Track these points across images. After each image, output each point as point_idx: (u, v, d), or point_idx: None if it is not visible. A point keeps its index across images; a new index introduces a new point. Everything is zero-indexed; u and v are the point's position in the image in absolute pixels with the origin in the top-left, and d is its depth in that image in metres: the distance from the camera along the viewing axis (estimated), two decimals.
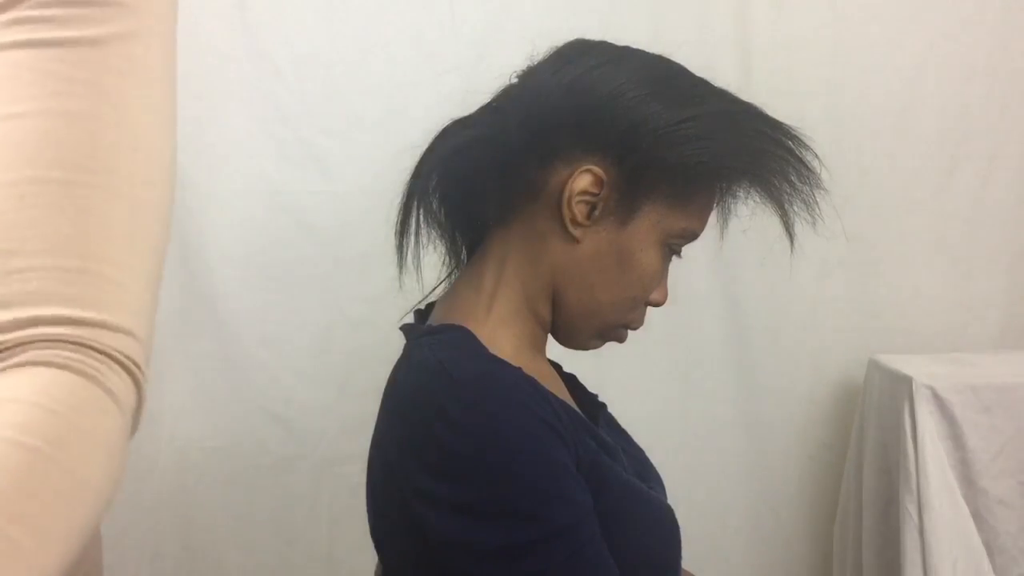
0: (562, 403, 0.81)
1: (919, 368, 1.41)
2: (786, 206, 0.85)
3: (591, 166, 0.82)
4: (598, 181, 0.82)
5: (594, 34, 0.94)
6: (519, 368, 0.79)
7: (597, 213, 0.83)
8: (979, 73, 1.59)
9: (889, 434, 1.44)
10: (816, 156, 0.85)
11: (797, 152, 0.84)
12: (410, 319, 0.95)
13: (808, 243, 0.93)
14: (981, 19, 1.58)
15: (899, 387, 1.40)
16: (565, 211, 0.83)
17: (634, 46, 0.90)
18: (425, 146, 0.92)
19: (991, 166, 1.61)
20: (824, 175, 0.89)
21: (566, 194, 0.82)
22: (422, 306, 0.96)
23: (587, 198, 0.83)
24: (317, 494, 1.58)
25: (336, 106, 1.54)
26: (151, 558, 1.54)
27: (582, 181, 0.82)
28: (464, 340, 0.81)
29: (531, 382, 0.78)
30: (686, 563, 0.91)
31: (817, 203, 0.86)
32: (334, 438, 1.56)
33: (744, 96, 0.88)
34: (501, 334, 0.84)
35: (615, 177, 0.82)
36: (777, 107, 0.91)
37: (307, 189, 1.53)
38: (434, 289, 0.95)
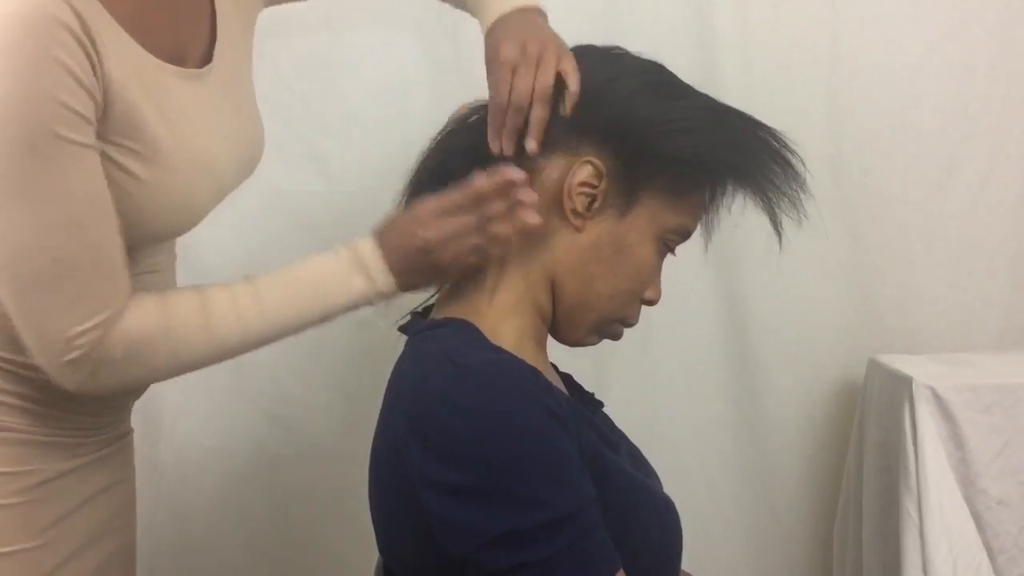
0: (564, 395, 0.83)
1: (919, 368, 1.41)
2: (774, 203, 0.87)
3: (591, 158, 0.84)
4: (598, 173, 0.84)
5: (593, 34, 0.94)
6: (522, 359, 0.80)
7: (597, 204, 0.85)
8: (979, 73, 1.59)
9: (889, 434, 1.44)
10: (800, 159, 0.87)
11: (781, 152, 0.87)
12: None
13: (808, 243, 0.93)
14: (981, 19, 1.58)
15: (899, 387, 1.40)
16: (566, 202, 0.85)
17: (634, 47, 0.91)
18: (425, 146, 0.93)
19: (991, 166, 1.61)
20: (824, 175, 0.90)
21: (566, 185, 0.84)
22: (419, 309, 0.96)
23: (587, 189, 0.85)
24: (317, 493, 1.58)
25: (336, 106, 1.54)
26: (151, 557, 1.54)
27: (582, 173, 0.84)
28: (467, 332, 0.83)
29: (534, 372, 0.79)
30: (686, 563, 0.91)
31: (803, 203, 0.88)
32: (333, 437, 1.56)
33: (744, 96, 0.89)
34: (503, 326, 0.85)
35: (613, 168, 0.84)
36: (777, 107, 0.91)
37: (307, 189, 1.54)
38: (433, 295, 0.96)
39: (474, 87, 0.96)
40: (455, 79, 1.49)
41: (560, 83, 0.84)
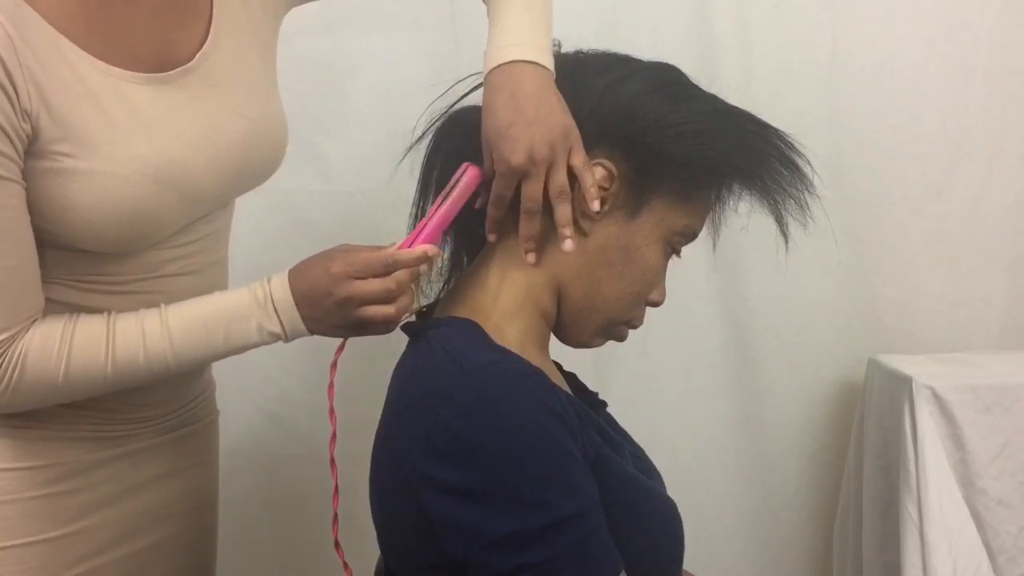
0: (568, 396, 0.82)
1: (919, 368, 1.41)
2: (780, 206, 0.87)
3: (603, 160, 0.84)
4: (610, 175, 0.84)
5: (595, 35, 0.94)
6: (525, 360, 0.79)
7: (607, 207, 0.84)
8: (979, 73, 1.59)
9: (889, 434, 1.44)
10: (808, 162, 0.87)
11: (789, 155, 0.87)
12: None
13: (808, 243, 0.93)
14: (981, 19, 1.58)
15: (899, 387, 1.40)
16: (576, 203, 0.84)
17: (634, 47, 0.91)
18: (428, 141, 0.94)
19: (991, 166, 1.61)
20: (824, 175, 0.90)
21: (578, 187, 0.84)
22: (423, 308, 0.96)
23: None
24: (316, 494, 1.57)
25: (336, 106, 1.54)
26: None
27: (595, 174, 0.83)
28: (471, 331, 0.83)
29: (538, 373, 0.79)
30: (686, 563, 0.91)
31: (809, 206, 0.88)
32: None
33: (744, 96, 0.89)
34: (507, 327, 0.85)
35: (624, 171, 0.84)
36: (777, 107, 0.91)
37: (306, 189, 1.53)
38: (438, 297, 0.96)
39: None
40: (455, 79, 1.49)
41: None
